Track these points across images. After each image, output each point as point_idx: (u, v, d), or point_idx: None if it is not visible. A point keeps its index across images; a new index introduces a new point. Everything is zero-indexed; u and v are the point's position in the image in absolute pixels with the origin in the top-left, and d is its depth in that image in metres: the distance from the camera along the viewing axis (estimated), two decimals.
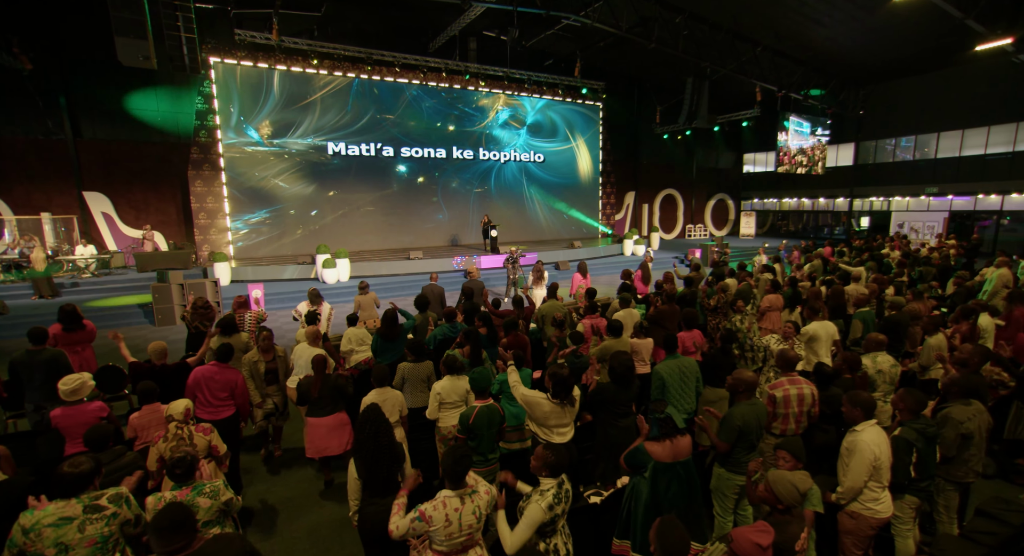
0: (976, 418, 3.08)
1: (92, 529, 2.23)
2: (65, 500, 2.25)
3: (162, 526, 1.92)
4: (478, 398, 3.29)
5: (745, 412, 3.03)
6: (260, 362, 4.52)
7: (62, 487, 2.25)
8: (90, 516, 2.24)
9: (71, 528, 2.21)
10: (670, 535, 1.87)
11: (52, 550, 2.18)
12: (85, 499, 2.27)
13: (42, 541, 2.17)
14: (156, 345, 4.13)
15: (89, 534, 2.23)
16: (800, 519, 2.18)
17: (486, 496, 2.31)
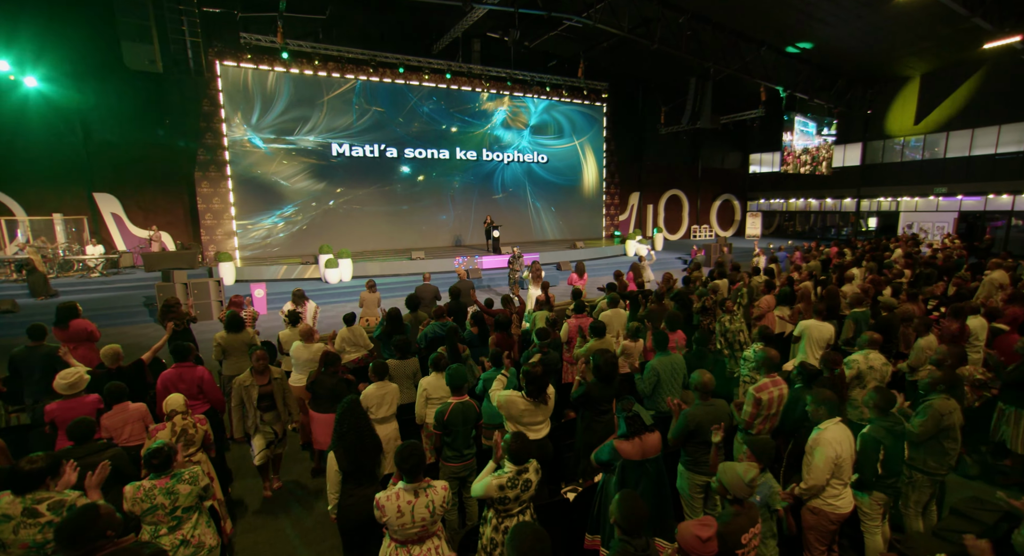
0: (955, 413, 3.10)
1: (25, 534, 2.24)
2: (14, 496, 2.27)
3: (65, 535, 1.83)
4: (453, 395, 3.36)
5: (698, 413, 3.08)
6: (253, 386, 4.03)
7: (12, 481, 2.27)
8: (25, 520, 2.25)
9: (8, 527, 2.23)
10: (630, 505, 1.94)
11: (11, 537, 2.21)
12: (28, 500, 2.27)
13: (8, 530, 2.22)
14: (108, 349, 4.23)
15: (22, 538, 2.23)
16: (750, 511, 2.21)
17: (443, 492, 2.38)
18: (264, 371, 4.10)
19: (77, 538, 1.80)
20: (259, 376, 4.07)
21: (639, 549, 1.92)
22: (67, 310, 5.37)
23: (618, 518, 1.94)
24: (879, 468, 2.91)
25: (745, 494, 2.16)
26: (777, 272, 9.26)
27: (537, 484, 2.57)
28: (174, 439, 3.10)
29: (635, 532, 1.96)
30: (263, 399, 4.05)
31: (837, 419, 2.83)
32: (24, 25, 12.12)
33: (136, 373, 4.35)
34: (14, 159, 13.08)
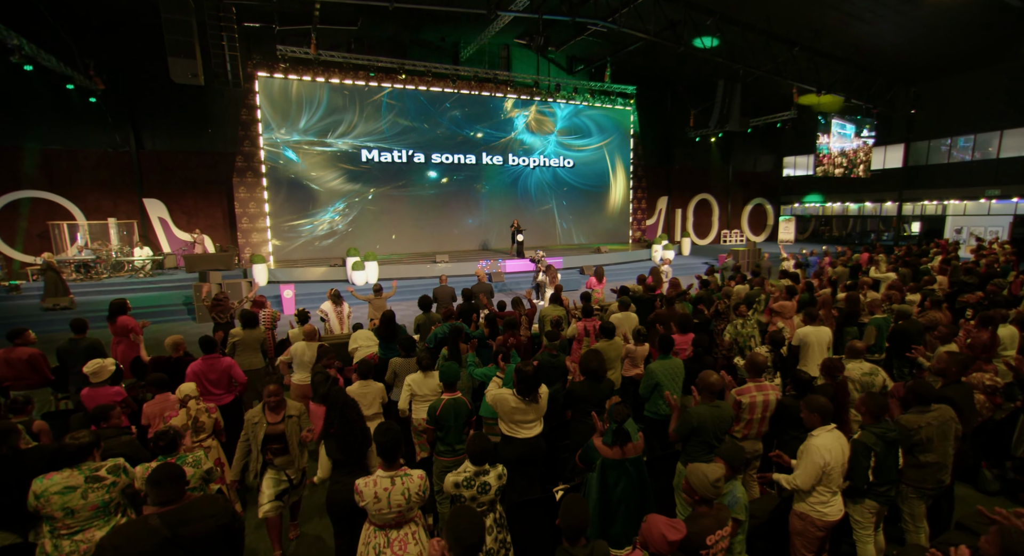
0: (932, 426, 2.99)
1: (94, 496, 2.55)
2: (69, 470, 2.56)
3: (158, 479, 2.20)
4: (446, 391, 3.48)
5: (703, 412, 3.07)
6: (261, 425, 3.35)
7: (64, 457, 2.58)
8: (91, 485, 2.56)
9: (75, 495, 2.53)
10: (571, 511, 2.00)
11: (60, 513, 2.52)
12: (86, 470, 2.58)
13: (50, 506, 2.51)
14: (173, 339, 4.55)
15: (91, 501, 2.55)
16: (719, 513, 2.23)
17: (418, 480, 2.49)
18: (278, 408, 3.43)
19: (172, 483, 2.22)
20: (271, 413, 3.42)
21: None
22: (117, 306, 5.82)
23: (560, 522, 1.99)
24: (870, 475, 2.85)
25: (711, 494, 2.18)
26: (802, 278, 9.01)
27: (498, 489, 2.63)
28: (189, 422, 3.34)
29: (574, 538, 2.00)
30: (272, 440, 3.33)
31: (831, 426, 2.79)
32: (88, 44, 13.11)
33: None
34: (77, 168, 14.18)
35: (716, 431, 3.07)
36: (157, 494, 2.18)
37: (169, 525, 2.08)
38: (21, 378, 4.88)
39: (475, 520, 1.94)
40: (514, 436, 3.38)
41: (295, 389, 5.05)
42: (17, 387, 4.86)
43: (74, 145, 14.07)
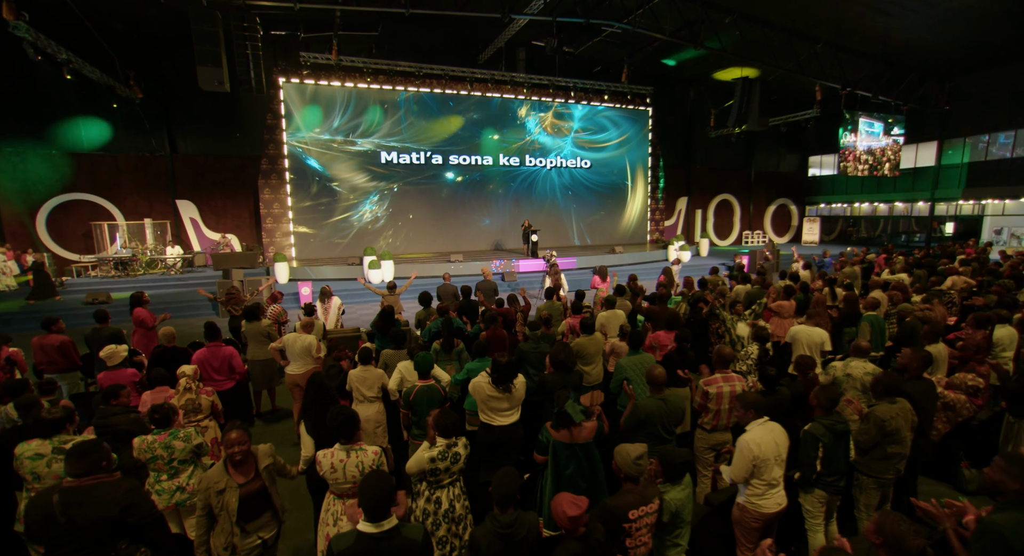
0: (899, 417, 3.03)
1: (57, 467, 2.80)
2: (42, 439, 2.86)
3: (71, 452, 2.28)
4: (420, 379, 3.71)
5: (650, 405, 3.20)
6: (231, 491, 2.58)
7: (38, 428, 2.87)
8: (56, 456, 2.81)
9: (42, 463, 2.81)
10: (500, 480, 2.17)
11: (29, 476, 2.82)
12: (56, 442, 2.85)
13: (23, 468, 2.82)
14: (165, 330, 4.93)
15: (54, 470, 2.80)
16: (644, 490, 2.36)
17: (372, 455, 2.71)
18: (246, 462, 2.65)
19: (81, 457, 2.28)
20: (238, 471, 2.63)
21: (504, 525, 2.13)
22: (135, 299, 6.30)
23: (492, 491, 2.17)
24: (818, 465, 2.92)
25: (633, 472, 2.31)
26: (811, 278, 8.89)
27: (466, 458, 2.85)
28: (182, 400, 3.67)
29: (503, 506, 2.17)
30: (251, 501, 2.63)
31: (763, 420, 2.86)
32: (129, 56, 13.98)
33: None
34: (118, 172, 15.11)
35: (664, 423, 3.19)
36: (69, 467, 2.27)
37: (64, 504, 2.19)
38: (53, 363, 5.35)
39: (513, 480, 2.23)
40: (491, 424, 3.57)
41: (288, 378, 5.32)
42: (50, 371, 5.34)
43: (115, 150, 15.01)
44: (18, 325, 9.95)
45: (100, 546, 2.22)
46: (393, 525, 1.98)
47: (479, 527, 2.20)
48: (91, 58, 12.34)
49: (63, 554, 2.20)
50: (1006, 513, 2.07)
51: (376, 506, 1.95)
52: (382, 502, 1.96)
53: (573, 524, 2.09)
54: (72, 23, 12.10)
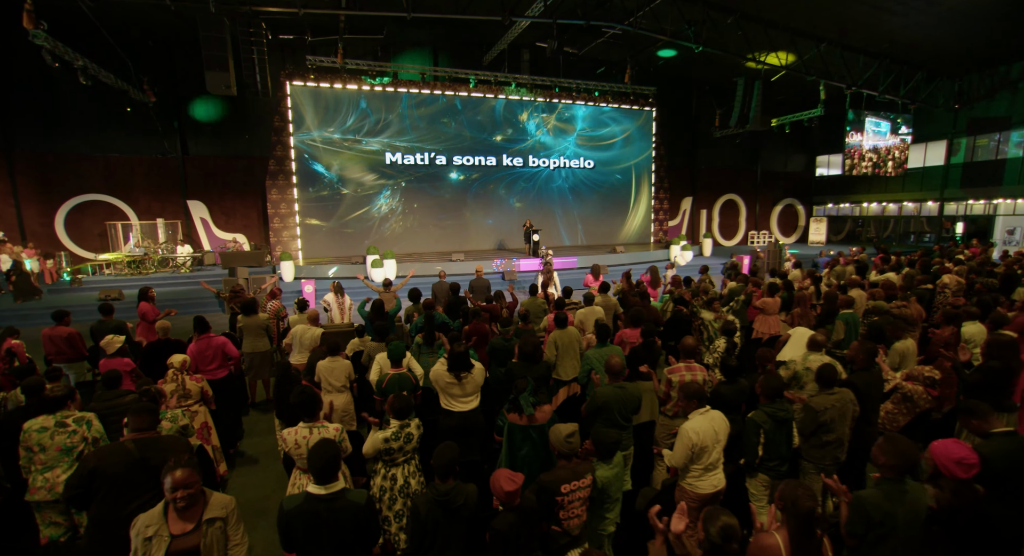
0: (835, 408, 3.16)
1: (59, 439, 3.11)
2: (46, 415, 3.16)
3: (136, 409, 2.71)
4: (392, 367, 3.92)
5: (607, 393, 3.37)
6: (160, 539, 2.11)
7: (43, 404, 3.19)
8: (57, 429, 3.12)
9: (46, 435, 3.12)
10: (443, 454, 2.37)
11: (36, 447, 3.11)
12: (58, 416, 3.16)
13: (30, 440, 3.12)
14: (161, 324, 5.23)
15: (56, 442, 3.11)
16: (577, 467, 2.54)
17: (334, 432, 2.92)
18: (191, 508, 2.18)
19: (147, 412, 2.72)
20: (180, 518, 2.16)
21: (442, 493, 2.33)
22: (140, 294, 6.64)
23: (432, 462, 2.37)
24: (760, 451, 3.07)
25: (565, 449, 2.49)
26: (801, 277, 8.94)
27: (418, 438, 3.04)
28: (174, 386, 3.93)
29: (443, 477, 2.37)
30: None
31: (704, 409, 3.02)
32: (142, 61, 14.49)
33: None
34: (132, 173, 15.63)
35: (621, 410, 3.36)
36: (134, 422, 2.67)
37: (140, 449, 2.57)
38: (61, 353, 5.68)
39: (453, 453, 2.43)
40: (451, 409, 3.77)
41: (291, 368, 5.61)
42: (59, 360, 5.67)
43: (129, 152, 15.52)
44: (35, 320, 10.40)
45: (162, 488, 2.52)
46: (340, 489, 2.19)
47: (420, 496, 2.40)
48: (106, 64, 12.82)
49: (136, 495, 2.50)
50: (876, 488, 2.26)
51: (322, 469, 2.17)
52: (328, 466, 2.17)
53: (509, 498, 2.29)
54: (88, 30, 12.57)
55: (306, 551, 2.16)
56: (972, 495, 2.29)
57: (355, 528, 2.18)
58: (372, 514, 2.26)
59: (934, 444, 2.35)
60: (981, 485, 2.45)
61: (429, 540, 2.31)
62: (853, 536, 2.25)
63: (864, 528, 2.21)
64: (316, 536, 2.14)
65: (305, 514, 2.13)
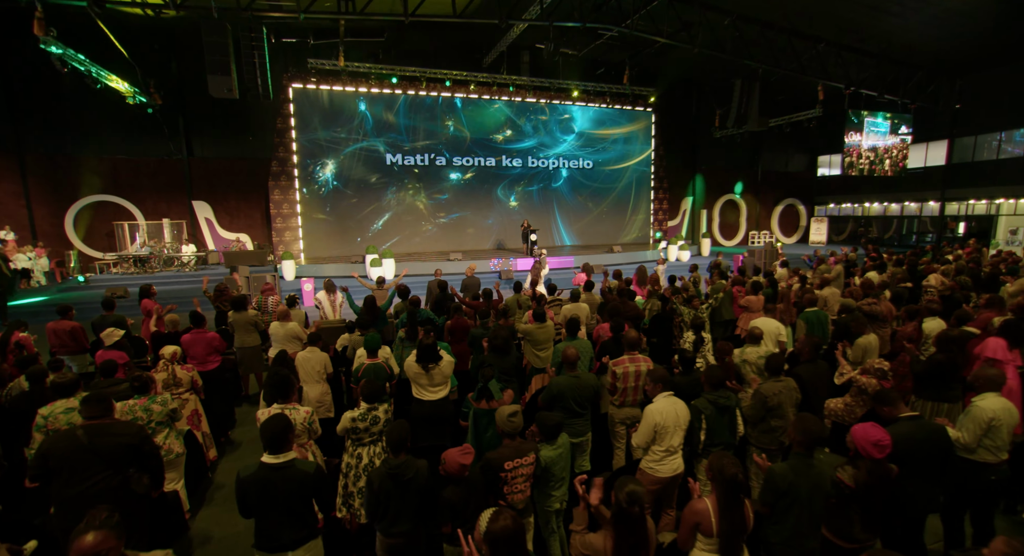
0: (782, 394, 3.35)
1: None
2: (65, 399, 3.44)
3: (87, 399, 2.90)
4: (369, 357, 4.15)
5: (562, 382, 3.58)
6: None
7: (58, 389, 3.47)
8: (70, 414, 3.39)
9: (75, 414, 3.39)
10: (395, 430, 2.59)
11: (65, 426, 3.35)
12: (78, 398, 3.42)
13: (58, 422, 3.37)
14: (170, 317, 5.51)
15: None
16: (521, 446, 2.75)
17: (304, 413, 3.16)
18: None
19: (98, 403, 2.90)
20: None
21: (393, 467, 2.55)
22: (143, 291, 6.95)
23: (387, 438, 2.58)
24: (702, 436, 3.26)
25: (508, 428, 2.71)
26: (787, 276, 9.08)
27: (385, 421, 3.27)
28: (165, 375, 4.19)
29: (395, 451, 2.59)
30: None
31: (669, 393, 3.22)
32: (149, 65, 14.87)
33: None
34: (138, 174, 16.03)
35: (576, 397, 3.56)
36: (85, 410, 2.89)
37: (89, 436, 2.77)
38: (65, 345, 5.98)
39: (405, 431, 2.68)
40: (421, 398, 3.99)
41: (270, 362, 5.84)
42: (62, 352, 5.96)
43: (136, 154, 15.92)
44: (45, 317, 10.76)
45: (116, 469, 2.81)
46: (290, 459, 2.43)
47: (375, 470, 2.62)
48: (113, 68, 13.20)
49: (86, 477, 2.74)
50: (786, 462, 2.47)
51: (272, 439, 2.41)
52: (278, 437, 2.41)
53: (461, 471, 2.51)
54: (95, 36, 12.94)
55: (260, 514, 2.40)
56: (886, 473, 2.47)
57: (304, 494, 2.43)
58: (321, 482, 2.49)
59: (855, 428, 2.53)
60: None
61: (383, 509, 2.53)
62: (765, 504, 2.46)
63: (774, 497, 2.42)
64: (268, 500, 2.37)
65: (259, 481, 2.37)
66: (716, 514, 2.26)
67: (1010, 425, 2.88)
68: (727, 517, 2.22)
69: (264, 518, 2.40)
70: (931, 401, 3.71)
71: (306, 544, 2.42)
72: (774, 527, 2.47)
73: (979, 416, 2.86)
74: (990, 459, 2.87)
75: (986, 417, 2.84)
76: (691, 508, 2.34)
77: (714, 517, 2.25)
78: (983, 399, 2.94)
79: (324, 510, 2.52)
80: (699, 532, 2.30)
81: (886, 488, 2.46)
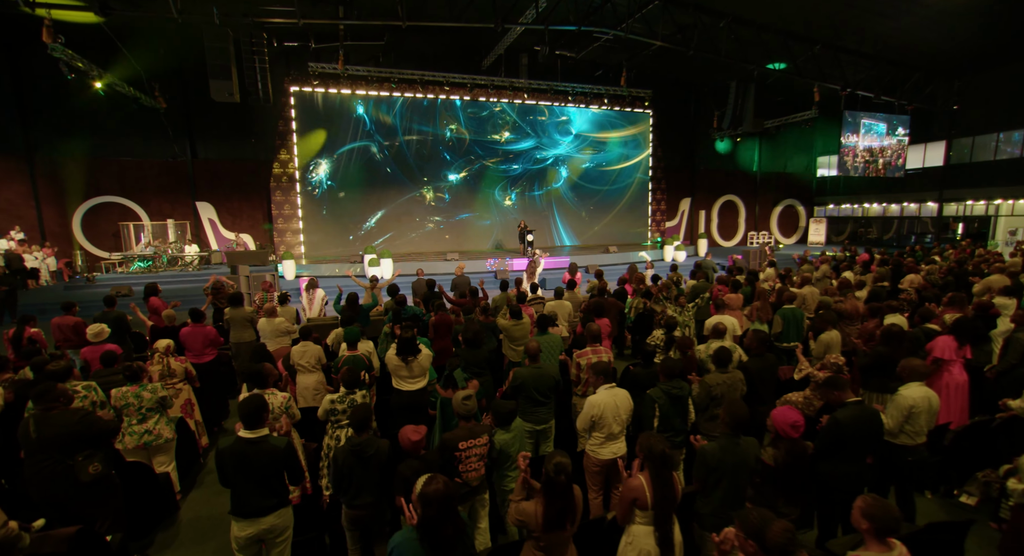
0: (727, 384, 3.55)
1: (74, 402, 3.63)
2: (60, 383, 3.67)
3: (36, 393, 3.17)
4: (349, 349, 4.40)
5: (524, 373, 3.81)
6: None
7: (50, 377, 3.69)
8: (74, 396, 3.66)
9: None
10: (358, 411, 2.83)
11: None
12: (69, 385, 3.69)
13: None
14: (167, 312, 5.80)
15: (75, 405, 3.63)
16: (475, 428, 2.98)
17: (281, 398, 3.41)
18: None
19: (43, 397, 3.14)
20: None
21: (356, 444, 2.79)
22: (149, 289, 7.27)
23: (350, 418, 2.82)
24: (655, 423, 3.47)
25: (462, 410, 2.94)
26: (773, 276, 9.26)
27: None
28: (160, 367, 4.45)
29: (358, 431, 2.84)
30: None
31: (610, 385, 3.44)
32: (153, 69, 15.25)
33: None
34: (144, 176, 16.41)
35: (538, 387, 3.79)
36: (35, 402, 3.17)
37: (37, 424, 3.07)
38: (68, 339, 6.27)
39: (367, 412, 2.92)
40: (400, 389, 4.23)
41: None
42: (65, 346, 6.26)
43: (142, 156, 16.31)
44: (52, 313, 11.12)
45: (62, 455, 3.06)
46: (263, 434, 2.67)
47: (339, 447, 2.86)
48: (119, 73, 13.57)
49: (37, 461, 3.01)
50: (715, 442, 2.71)
51: (247, 416, 2.66)
52: (252, 415, 2.66)
53: (415, 446, 2.75)
54: (102, 42, 13.32)
55: (236, 483, 2.66)
56: (803, 450, 2.69)
57: (275, 466, 2.69)
58: (291, 456, 2.74)
59: (774, 412, 2.74)
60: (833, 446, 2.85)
61: (346, 483, 2.77)
62: (697, 480, 2.69)
63: (705, 472, 2.64)
64: (243, 470, 2.63)
65: (235, 453, 2.63)
66: (649, 488, 2.47)
67: (929, 412, 3.09)
68: (659, 490, 2.44)
69: (239, 487, 2.67)
70: (875, 392, 3.90)
71: (276, 511, 2.69)
72: (704, 499, 2.70)
73: (901, 404, 3.07)
74: (908, 442, 3.08)
75: (907, 405, 3.05)
76: (627, 486, 2.55)
77: (648, 491, 2.46)
78: (907, 388, 3.14)
79: (293, 481, 2.78)
80: (636, 507, 2.51)
81: (803, 465, 2.68)
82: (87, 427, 3.13)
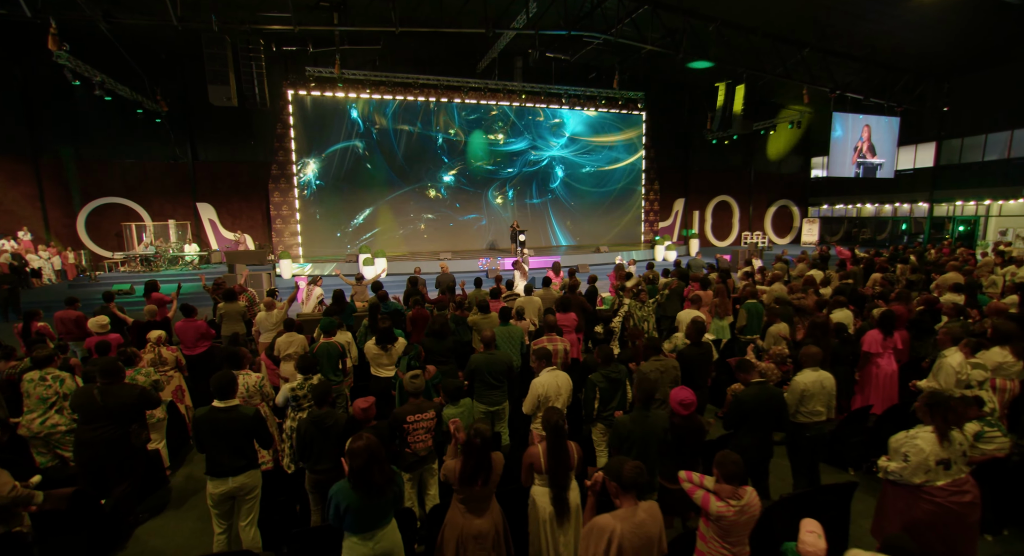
0: (658, 370, 3.90)
1: (39, 390, 4.03)
2: (38, 370, 4.07)
3: (103, 370, 3.61)
4: (324, 337, 4.77)
5: (479, 359, 4.17)
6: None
7: (34, 363, 4.12)
8: (40, 382, 4.03)
9: (31, 385, 4.03)
10: (316, 389, 3.19)
11: (25, 394, 4.03)
12: (43, 372, 4.07)
13: (24, 386, 4.05)
14: (148, 308, 6.21)
15: (37, 392, 4.02)
16: (422, 404, 3.34)
17: (256, 378, 3.78)
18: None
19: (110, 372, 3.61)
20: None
21: (316, 416, 3.17)
22: (150, 286, 7.68)
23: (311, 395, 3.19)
24: (596, 405, 3.81)
25: (410, 388, 3.30)
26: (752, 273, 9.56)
27: None
28: (152, 355, 4.83)
29: (319, 404, 3.22)
30: None
31: (552, 368, 3.79)
32: (155, 74, 15.71)
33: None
34: (146, 178, 16.88)
35: (491, 371, 4.15)
36: (102, 378, 3.58)
37: (102, 394, 3.48)
38: (70, 332, 6.68)
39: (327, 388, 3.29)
40: (378, 375, 4.61)
41: (259, 346, 6.46)
42: (68, 338, 6.67)
43: (144, 158, 16.78)
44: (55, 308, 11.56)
45: (121, 423, 3.58)
46: (234, 404, 3.05)
47: (303, 420, 3.23)
48: (122, 78, 14.03)
49: (98, 425, 3.51)
50: (627, 415, 3.07)
51: (219, 388, 3.04)
52: (223, 387, 3.05)
53: (365, 414, 3.11)
54: (105, 48, 13.79)
55: (209, 446, 3.04)
56: (693, 425, 3.06)
57: (245, 432, 3.08)
58: (259, 424, 3.13)
59: (672, 391, 3.11)
60: (736, 420, 3.20)
61: (308, 451, 3.14)
62: (612, 447, 3.04)
63: (618, 442, 2.99)
64: (216, 436, 3.04)
65: (208, 420, 3.02)
66: (544, 455, 2.82)
67: (823, 393, 3.49)
68: (553, 455, 2.79)
69: (212, 449, 3.06)
70: None
71: (246, 472, 3.09)
72: None
73: (795, 389, 3.51)
74: (805, 420, 3.47)
75: (799, 389, 3.47)
76: (527, 453, 2.93)
77: (543, 458, 2.82)
78: (801, 374, 3.53)
79: (263, 445, 3.18)
80: (534, 471, 2.87)
81: (696, 439, 3.05)
82: (144, 400, 3.70)
